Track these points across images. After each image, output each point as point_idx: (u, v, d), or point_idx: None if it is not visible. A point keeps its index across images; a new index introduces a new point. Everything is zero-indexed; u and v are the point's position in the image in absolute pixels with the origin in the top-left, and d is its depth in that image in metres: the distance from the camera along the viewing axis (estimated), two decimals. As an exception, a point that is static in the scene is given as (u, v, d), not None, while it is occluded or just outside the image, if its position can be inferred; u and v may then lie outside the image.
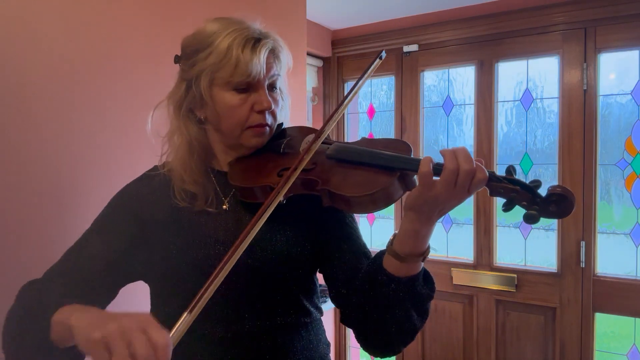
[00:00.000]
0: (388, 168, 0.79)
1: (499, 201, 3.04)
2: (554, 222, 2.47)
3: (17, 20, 1.16)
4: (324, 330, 1.00)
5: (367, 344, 0.87)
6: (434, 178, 0.72)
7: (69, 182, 1.27)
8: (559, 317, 2.43)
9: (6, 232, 1.15)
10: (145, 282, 0.95)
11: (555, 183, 2.44)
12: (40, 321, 0.75)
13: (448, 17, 2.71)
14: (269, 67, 0.90)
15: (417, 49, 2.82)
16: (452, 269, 2.68)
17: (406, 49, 2.85)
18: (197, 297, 0.67)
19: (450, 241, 2.78)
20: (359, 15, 2.84)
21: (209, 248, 0.87)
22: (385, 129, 3.00)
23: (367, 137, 0.94)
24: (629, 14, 2.26)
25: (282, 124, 0.97)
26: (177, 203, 0.91)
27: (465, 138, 2.75)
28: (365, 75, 0.89)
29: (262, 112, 0.89)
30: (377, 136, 3.00)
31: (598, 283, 2.35)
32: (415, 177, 0.76)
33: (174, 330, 0.63)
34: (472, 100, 2.69)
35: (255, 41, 0.87)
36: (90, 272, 0.87)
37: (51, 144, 1.23)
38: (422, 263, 0.80)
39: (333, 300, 0.93)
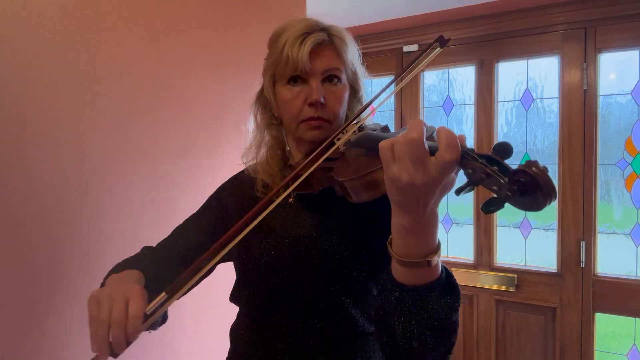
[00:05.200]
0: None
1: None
2: (554, 222, 2.47)
3: (18, 21, 1.16)
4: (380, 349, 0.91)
5: (384, 355, 0.80)
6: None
7: (66, 182, 1.27)
8: (559, 317, 2.43)
9: (5, 231, 1.15)
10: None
11: (555, 183, 2.44)
12: (105, 279, 0.87)
13: (448, 17, 2.71)
14: (322, 60, 0.89)
15: (417, 49, 2.82)
16: (452, 269, 2.67)
17: (406, 49, 2.84)
18: (176, 280, 0.73)
19: (450, 241, 2.78)
20: (359, 15, 2.84)
21: (262, 237, 0.91)
22: (385, 129, 3.00)
23: None
24: (629, 13, 2.26)
25: (386, 125, 0.94)
26: (256, 193, 0.98)
27: (465, 138, 2.74)
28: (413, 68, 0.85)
29: (313, 105, 0.89)
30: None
31: (598, 283, 2.35)
32: None
33: (149, 306, 0.72)
34: (472, 100, 2.69)
35: (306, 35, 0.88)
36: (183, 247, 0.99)
37: (50, 143, 1.23)
38: (436, 270, 0.67)
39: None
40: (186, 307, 0.71)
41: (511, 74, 2.60)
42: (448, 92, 2.80)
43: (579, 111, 2.38)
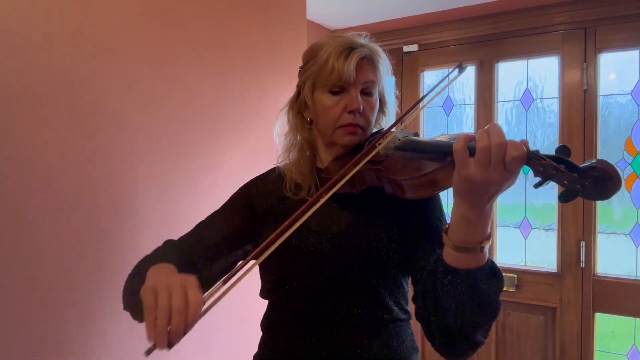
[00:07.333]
0: (441, 154, 0.80)
1: (499, 201, 3.02)
2: (554, 222, 2.47)
3: (19, 21, 1.16)
4: (411, 334, 1.01)
5: (432, 342, 0.85)
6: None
7: (66, 182, 1.27)
8: (559, 317, 2.43)
9: (5, 231, 1.15)
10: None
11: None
12: (140, 272, 0.89)
13: (448, 17, 2.71)
14: (363, 73, 0.98)
15: (417, 49, 2.82)
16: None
17: (406, 49, 2.84)
18: (234, 270, 0.79)
19: (450, 241, 2.77)
20: (359, 15, 2.84)
21: (299, 234, 0.96)
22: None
23: None
24: (629, 13, 2.26)
25: (416, 132, 1.04)
26: (286, 193, 1.04)
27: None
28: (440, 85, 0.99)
29: (352, 113, 0.98)
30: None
31: (598, 283, 2.35)
32: None
33: (206, 293, 0.75)
34: (472, 100, 2.69)
35: (351, 50, 0.97)
36: (208, 240, 1.04)
37: (50, 143, 1.23)
38: (485, 255, 0.76)
39: (412, 300, 0.92)
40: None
41: (511, 74, 2.60)
42: (448, 92, 2.80)
43: (579, 111, 2.38)
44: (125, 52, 1.40)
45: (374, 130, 1.07)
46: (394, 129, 0.96)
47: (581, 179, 0.65)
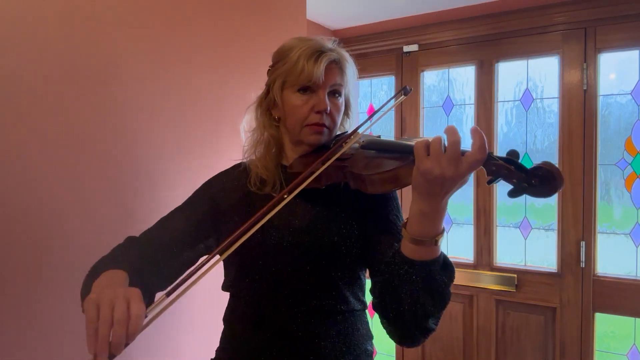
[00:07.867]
0: (404, 153, 0.87)
1: (499, 201, 3.01)
2: (554, 222, 2.47)
3: (19, 20, 1.16)
4: (366, 322, 1.07)
5: (388, 330, 0.90)
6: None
7: (66, 181, 1.27)
8: (559, 317, 2.43)
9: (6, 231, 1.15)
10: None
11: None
12: (96, 275, 0.89)
13: (448, 17, 2.71)
14: (331, 76, 1.03)
15: (417, 49, 2.82)
16: (452, 269, 2.67)
17: (406, 49, 2.84)
18: (176, 283, 0.80)
19: (450, 241, 2.78)
20: (359, 15, 2.84)
21: (261, 228, 0.98)
22: (385, 129, 3.00)
23: None
24: (629, 14, 2.26)
25: (379, 136, 1.08)
26: (250, 188, 1.07)
27: (466, 138, 2.74)
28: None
29: (320, 113, 1.02)
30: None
31: (598, 283, 2.35)
32: None
33: (150, 307, 0.77)
34: (472, 100, 2.69)
35: (321, 53, 1.01)
36: (169, 236, 1.04)
37: (49, 143, 1.23)
38: (438, 249, 0.82)
39: (370, 292, 0.97)
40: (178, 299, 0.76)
41: (511, 74, 2.60)
42: (448, 92, 2.80)
43: (579, 111, 2.38)
44: (125, 52, 1.40)
45: (338, 132, 1.10)
46: (360, 130, 1.02)
47: (528, 178, 0.71)
